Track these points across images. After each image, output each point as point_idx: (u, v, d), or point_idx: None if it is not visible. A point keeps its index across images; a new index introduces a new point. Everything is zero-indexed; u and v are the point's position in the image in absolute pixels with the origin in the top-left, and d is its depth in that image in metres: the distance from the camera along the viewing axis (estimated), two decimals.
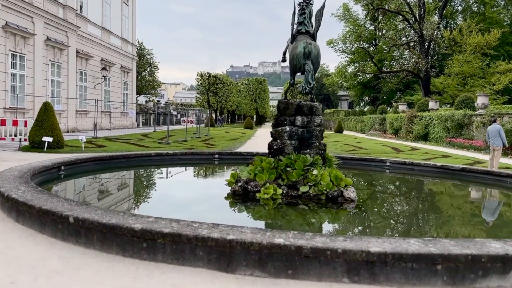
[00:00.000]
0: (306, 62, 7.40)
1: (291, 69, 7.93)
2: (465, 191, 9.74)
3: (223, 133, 32.02)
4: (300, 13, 8.00)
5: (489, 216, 7.16)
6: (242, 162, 12.57)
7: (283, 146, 7.46)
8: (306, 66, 7.36)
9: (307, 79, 7.28)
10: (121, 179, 9.32)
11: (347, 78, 69.61)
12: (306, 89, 7.29)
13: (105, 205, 6.49)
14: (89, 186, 8.13)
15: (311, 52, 7.40)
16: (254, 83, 63.33)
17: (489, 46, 49.08)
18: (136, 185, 8.51)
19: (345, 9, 68.34)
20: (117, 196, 7.30)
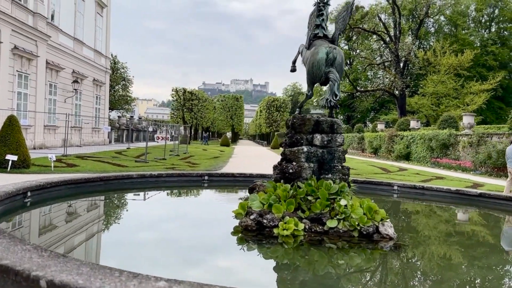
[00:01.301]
0: (331, 70, 6.31)
1: (309, 79, 6.82)
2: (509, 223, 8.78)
3: (201, 150, 30.65)
4: (317, 14, 6.95)
5: None
6: (234, 185, 11.34)
7: (300, 169, 6.28)
8: (330, 75, 6.26)
9: (332, 90, 6.17)
10: (100, 208, 7.91)
11: (322, 96, 69.49)
12: (332, 101, 6.18)
13: (85, 248, 5.12)
14: (62, 219, 6.69)
15: (335, 58, 6.33)
16: (230, 100, 62.31)
17: (462, 67, 49.90)
18: (119, 217, 7.12)
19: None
20: (98, 234, 5.93)
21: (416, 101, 51.60)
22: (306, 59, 7.00)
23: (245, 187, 11.37)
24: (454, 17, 63.06)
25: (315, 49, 6.64)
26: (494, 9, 65.91)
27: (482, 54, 58.84)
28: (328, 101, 6.17)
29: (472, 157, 22.93)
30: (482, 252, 5.77)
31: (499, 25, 66.42)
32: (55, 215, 6.92)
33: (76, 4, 27.16)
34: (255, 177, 11.62)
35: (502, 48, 61.48)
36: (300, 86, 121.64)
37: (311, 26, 6.95)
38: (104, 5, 31.78)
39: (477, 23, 68.07)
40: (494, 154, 20.11)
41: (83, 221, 6.55)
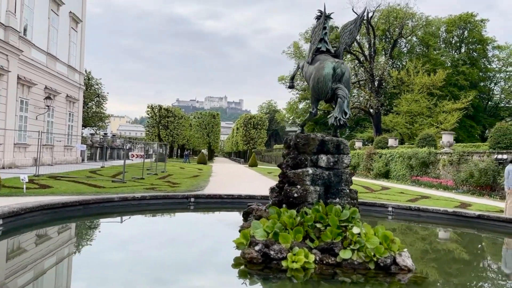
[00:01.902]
0: (339, 86, 5.87)
1: (313, 95, 6.38)
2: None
3: (179, 169, 29.80)
4: (323, 27, 6.55)
5: None
6: (222, 207, 10.74)
7: (305, 193, 5.79)
8: (339, 91, 5.82)
9: (342, 108, 5.73)
10: (80, 238, 7.18)
11: (299, 114, 69.80)
12: (341, 120, 5.73)
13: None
14: (39, 254, 5.94)
15: (344, 73, 5.91)
16: (207, 117, 61.64)
17: (435, 86, 50.93)
18: (102, 248, 6.40)
19: (296, 47, 69.32)
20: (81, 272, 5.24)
21: (391, 119, 52.24)
22: (309, 74, 6.57)
23: (233, 209, 10.81)
24: (426, 38, 64.63)
25: (320, 63, 6.22)
26: (464, 31, 67.97)
27: (454, 74, 60.33)
28: (337, 119, 5.72)
29: (453, 175, 22.96)
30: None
31: (468, 46, 68.45)
32: (31, 247, 6.15)
33: (50, 18, 26.25)
34: (243, 199, 11.08)
35: (472, 68, 63.24)
36: (275, 103, 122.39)
37: (314, 40, 6.54)
38: (79, 20, 30.91)
39: (448, 44, 70.03)
40: (476, 173, 20.14)
41: (62, 254, 5.84)
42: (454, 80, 61.26)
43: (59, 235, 7.04)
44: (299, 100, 70.21)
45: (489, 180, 19.77)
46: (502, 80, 69.11)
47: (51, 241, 6.55)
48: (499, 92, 69.79)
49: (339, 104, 5.80)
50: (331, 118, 5.91)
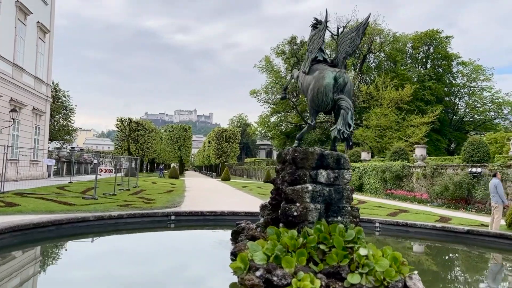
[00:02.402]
0: (341, 97, 5.57)
1: (312, 107, 6.05)
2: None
3: (151, 184, 28.95)
4: (321, 36, 6.25)
5: None
6: (205, 225, 10.23)
7: (305, 212, 5.41)
8: (342, 102, 5.51)
9: (346, 120, 5.42)
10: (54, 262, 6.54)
11: (270, 127, 69.90)
12: (345, 133, 5.41)
13: None
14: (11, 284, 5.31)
15: (346, 83, 5.62)
16: (178, 131, 60.70)
17: (403, 101, 52.03)
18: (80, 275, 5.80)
19: (267, 61, 69.74)
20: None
21: (361, 133, 52.93)
22: (306, 85, 6.25)
23: (216, 226, 10.32)
24: (393, 54, 66.13)
25: (320, 73, 5.91)
26: (429, 47, 69.94)
27: (420, 89, 61.83)
28: (341, 132, 5.40)
29: (427, 188, 23.15)
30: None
31: (434, 62, 70.45)
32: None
33: (16, 28, 25.18)
34: (226, 216, 10.62)
35: (438, 83, 65.01)
36: (246, 117, 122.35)
37: (312, 49, 6.23)
38: (47, 30, 29.84)
39: (414, 60, 71.91)
40: (451, 186, 20.34)
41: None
42: (421, 95, 62.78)
43: (30, 258, 6.39)
44: (271, 114, 70.41)
45: (464, 193, 19.99)
46: (466, 95, 71.30)
47: (22, 266, 5.91)
48: (464, 106, 71.93)
49: (342, 115, 5.49)
50: (333, 130, 5.59)
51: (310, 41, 6.39)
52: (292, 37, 68.02)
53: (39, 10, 28.47)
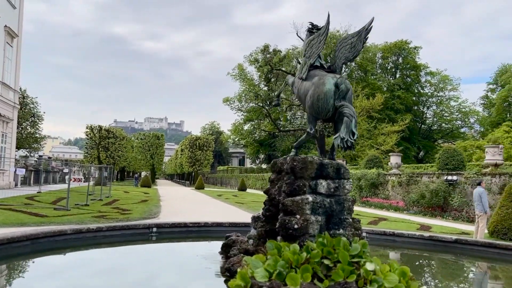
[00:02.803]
0: (344, 104, 5.35)
1: (311, 114, 5.80)
2: None
3: (123, 193, 28.11)
4: (321, 40, 6.01)
5: None
6: (187, 237, 9.82)
7: (306, 224, 5.14)
8: (345, 109, 5.29)
9: (349, 128, 5.19)
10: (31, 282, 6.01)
11: (244, 135, 69.64)
12: (349, 141, 5.17)
13: None
14: None
15: (348, 90, 5.41)
16: (150, 138, 59.60)
17: (374, 110, 52.89)
18: None
19: (240, 70, 69.62)
20: None
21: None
22: (304, 91, 6.00)
23: (200, 238, 9.92)
24: (364, 63, 67.20)
25: (320, 79, 5.67)
26: (399, 57, 71.46)
27: (390, 98, 62.99)
28: (345, 140, 5.16)
29: (403, 196, 23.36)
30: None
31: (403, 72, 71.99)
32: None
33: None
34: (210, 227, 10.25)
35: (407, 93, 66.43)
36: (218, 125, 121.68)
37: (311, 54, 5.99)
38: (15, 35, 28.71)
39: (384, 70, 73.34)
40: (427, 194, 20.55)
41: None
42: (391, 104, 63.98)
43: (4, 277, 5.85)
44: (244, 122, 70.20)
45: (440, 201, 20.22)
46: (434, 104, 73.11)
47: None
48: (432, 115, 73.70)
49: (346, 123, 5.27)
50: (336, 139, 5.35)
51: (308, 46, 6.15)
52: (265, 46, 68.17)
53: (7, 13, 27.39)
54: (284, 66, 61.21)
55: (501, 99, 64.98)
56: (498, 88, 71.34)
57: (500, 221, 11.55)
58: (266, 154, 71.18)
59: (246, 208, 19.80)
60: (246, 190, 45.38)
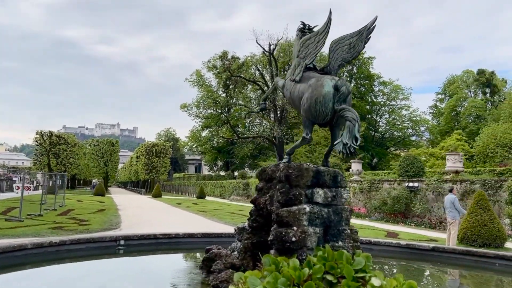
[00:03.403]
0: (345, 108, 5.06)
1: (308, 118, 5.46)
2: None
3: (76, 202, 26.70)
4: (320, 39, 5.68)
5: None
6: (157, 249, 9.22)
7: (304, 237, 4.79)
8: (347, 113, 5.00)
9: (352, 133, 4.89)
10: None
11: (202, 142, 68.76)
12: (351, 147, 4.87)
13: None
14: None
15: (350, 92, 5.13)
16: (104, 145, 57.45)
17: None
18: None
19: (198, 76, 68.86)
20: None
21: None
22: (298, 94, 5.67)
23: (171, 251, 9.34)
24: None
25: (318, 81, 5.35)
26: (353, 67, 73.21)
27: None
28: (347, 146, 4.85)
29: (364, 203, 23.59)
30: None
31: (357, 81, 73.80)
32: None
33: None
34: (181, 238, 9.70)
35: (361, 101, 68.10)
36: (174, 131, 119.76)
37: (307, 54, 5.66)
38: None
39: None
40: (389, 200, 20.83)
41: None
42: None
43: None
44: (202, 128, 69.38)
45: (402, 208, 20.54)
46: (387, 113, 75.35)
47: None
48: (385, 124, 75.91)
49: (348, 128, 4.97)
50: (338, 144, 5.03)
51: (302, 46, 5.82)
52: (224, 52, 67.88)
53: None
54: (243, 73, 61.15)
55: (449, 108, 67.97)
56: (446, 98, 74.62)
57: (469, 227, 11.74)
58: (224, 161, 70.63)
59: (211, 216, 19.25)
60: (205, 197, 44.55)
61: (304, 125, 5.58)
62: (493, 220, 11.66)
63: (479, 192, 12.64)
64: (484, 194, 12.56)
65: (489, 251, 8.55)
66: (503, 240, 11.67)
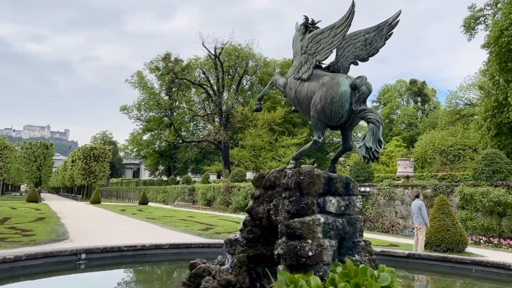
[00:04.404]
0: (366, 109, 4.69)
1: (321, 120, 5.02)
2: None
3: (9, 209, 24.50)
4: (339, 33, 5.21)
5: None
6: (122, 262, 8.41)
7: (320, 251, 4.35)
8: (369, 115, 4.63)
9: (376, 136, 4.53)
10: None
11: (143, 146, 66.50)
12: (376, 152, 4.51)
13: None
14: None
15: (371, 91, 4.77)
16: (38, 148, 53.71)
17: (275, 123, 54.23)
18: None
19: (139, 77, 66.73)
20: None
21: (237, 152, 53.61)
22: (307, 93, 5.23)
23: (137, 263, 8.56)
24: (264, 77, 68.58)
25: (333, 79, 4.93)
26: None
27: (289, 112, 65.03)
28: (372, 151, 4.48)
29: None
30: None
31: None
32: None
33: None
34: (148, 249, 8.94)
35: None
36: (111, 134, 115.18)
37: (319, 51, 5.21)
38: None
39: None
40: None
41: None
42: (290, 117, 66.15)
43: None
44: (143, 131, 67.14)
45: None
46: None
47: None
48: None
49: (372, 131, 4.59)
50: (361, 148, 4.65)
51: (311, 41, 5.37)
52: (167, 54, 66.35)
53: None
54: (187, 75, 60.06)
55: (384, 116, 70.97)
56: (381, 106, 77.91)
57: (433, 232, 11.91)
58: (167, 165, 68.71)
59: (163, 224, 18.31)
60: (147, 203, 42.88)
61: (316, 127, 5.14)
62: (455, 225, 11.92)
63: (440, 197, 12.90)
64: (445, 199, 12.84)
65: (465, 257, 8.62)
66: (465, 244, 11.96)
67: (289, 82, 5.76)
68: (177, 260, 8.78)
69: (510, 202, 14.06)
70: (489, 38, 21.12)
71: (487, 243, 13.94)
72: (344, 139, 5.41)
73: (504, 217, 14.48)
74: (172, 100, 65.32)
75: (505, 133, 22.92)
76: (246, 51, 59.54)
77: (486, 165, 15.77)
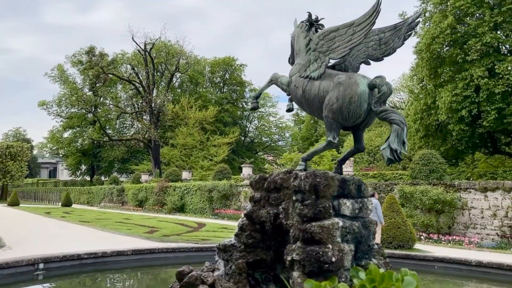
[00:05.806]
0: (387, 110, 4.61)
1: (336, 120, 4.85)
2: None
3: None
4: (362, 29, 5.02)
5: None
6: (82, 271, 7.72)
7: (341, 256, 4.21)
8: (392, 115, 4.55)
9: (400, 138, 4.46)
10: None
11: (63, 144, 62.48)
12: (401, 153, 4.45)
13: None
14: None
15: (391, 92, 4.69)
16: None
17: (207, 121, 53.87)
18: None
19: (60, 71, 62.79)
20: None
21: (167, 151, 52.50)
22: (319, 92, 5.03)
23: (98, 272, 7.93)
24: (195, 76, 67.75)
25: (350, 78, 4.80)
26: (226, 73, 74.26)
27: (220, 111, 64.95)
28: (397, 152, 4.41)
29: None
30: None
31: (230, 87, 75.12)
32: None
33: None
34: (109, 256, 8.31)
35: (235, 107, 69.44)
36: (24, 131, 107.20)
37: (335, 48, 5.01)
38: None
39: (213, 83, 75.36)
40: None
41: None
42: (221, 116, 65.97)
43: None
44: (64, 129, 63.15)
45: None
46: (256, 119, 78.15)
47: None
48: (254, 129, 78.60)
49: (396, 132, 4.50)
50: (385, 150, 4.53)
51: (323, 39, 5.14)
52: (91, 48, 62.87)
53: None
54: (113, 71, 57.57)
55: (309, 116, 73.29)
56: None
57: (385, 230, 12.36)
58: (90, 165, 65.21)
59: (102, 227, 17.23)
60: (71, 205, 40.32)
61: (331, 128, 4.96)
62: (405, 223, 12.50)
63: (390, 196, 13.45)
64: (395, 198, 13.42)
65: (427, 255, 9.00)
66: (414, 241, 12.57)
67: (294, 81, 5.55)
68: (141, 267, 8.26)
69: (448, 200, 15.07)
70: (421, 45, 22.49)
71: (427, 239, 14.80)
72: (356, 140, 5.33)
73: (442, 214, 15.48)
74: (97, 96, 62.12)
75: (432, 135, 24.58)
76: (177, 48, 58.25)
77: (423, 164, 16.75)
